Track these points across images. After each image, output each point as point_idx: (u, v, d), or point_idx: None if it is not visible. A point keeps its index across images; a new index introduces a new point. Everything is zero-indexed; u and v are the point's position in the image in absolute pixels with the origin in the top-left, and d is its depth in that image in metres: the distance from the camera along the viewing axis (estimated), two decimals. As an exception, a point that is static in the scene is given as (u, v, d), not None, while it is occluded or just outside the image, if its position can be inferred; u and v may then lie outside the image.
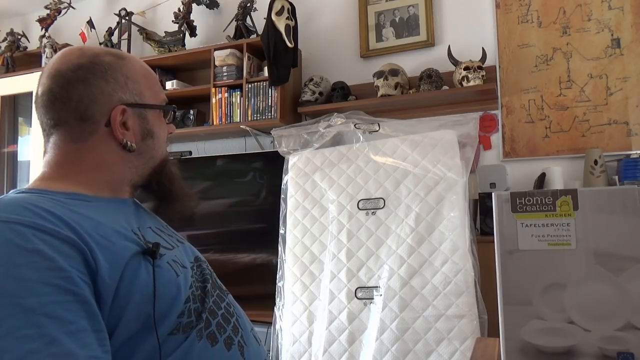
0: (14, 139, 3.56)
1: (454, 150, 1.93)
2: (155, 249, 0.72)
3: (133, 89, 0.82)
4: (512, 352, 0.65)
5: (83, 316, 0.59)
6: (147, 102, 0.83)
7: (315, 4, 2.93)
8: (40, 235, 0.61)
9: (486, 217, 2.18)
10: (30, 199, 0.68)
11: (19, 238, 0.59)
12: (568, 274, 0.64)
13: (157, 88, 0.87)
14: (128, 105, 0.80)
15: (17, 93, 3.39)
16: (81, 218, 0.68)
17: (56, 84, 0.77)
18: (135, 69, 0.83)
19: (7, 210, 0.63)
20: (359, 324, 1.87)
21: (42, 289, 0.57)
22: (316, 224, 2.06)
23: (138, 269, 0.69)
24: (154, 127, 0.84)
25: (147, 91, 0.84)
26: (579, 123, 2.33)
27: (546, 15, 2.43)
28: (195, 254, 0.89)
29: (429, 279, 1.80)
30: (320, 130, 2.14)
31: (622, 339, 0.61)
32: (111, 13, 3.40)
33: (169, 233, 0.87)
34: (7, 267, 0.57)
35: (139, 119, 0.82)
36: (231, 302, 0.85)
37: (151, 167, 0.85)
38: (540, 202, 0.66)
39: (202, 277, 0.83)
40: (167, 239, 0.83)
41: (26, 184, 0.83)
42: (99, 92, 0.78)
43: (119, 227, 0.72)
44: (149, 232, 0.80)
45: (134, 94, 0.81)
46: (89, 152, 0.78)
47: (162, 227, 0.88)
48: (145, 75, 0.85)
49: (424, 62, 2.61)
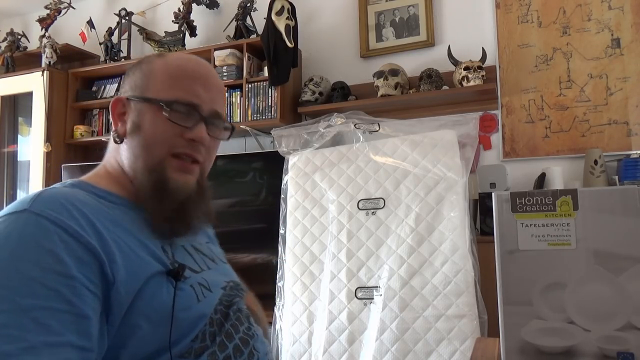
0: (14, 139, 3.56)
1: (454, 150, 1.93)
2: (179, 271, 0.70)
3: (144, 83, 0.80)
4: (512, 352, 0.65)
5: (73, 331, 0.57)
6: (150, 96, 0.78)
7: (315, 4, 2.93)
8: (63, 237, 0.61)
9: (486, 217, 2.18)
10: (73, 196, 0.68)
11: (41, 234, 0.60)
12: (568, 274, 0.64)
13: (173, 85, 0.78)
14: (129, 97, 0.80)
15: (17, 93, 3.39)
16: (114, 225, 0.68)
17: None
18: (164, 66, 0.80)
19: (45, 202, 0.63)
20: (359, 324, 1.87)
21: (42, 292, 0.57)
22: (316, 224, 2.06)
23: (159, 288, 0.67)
24: (143, 122, 0.78)
25: (161, 86, 0.78)
26: (579, 123, 2.33)
27: (546, 15, 2.43)
28: (230, 277, 0.86)
29: (429, 279, 1.80)
30: (320, 130, 2.14)
31: (622, 339, 0.61)
32: (111, 13, 3.40)
33: (205, 252, 0.85)
34: (18, 262, 0.58)
35: (135, 112, 0.79)
36: (252, 325, 0.82)
37: (144, 167, 0.77)
38: (540, 202, 0.66)
39: (230, 301, 0.80)
40: (199, 260, 0.81)
41: (26, 184, 0.84)
42: (122, 88, 0.84)
43: (148, 241, 0.72)
44: (180, 251, 0.78)
45: (142, 88, 0.80)
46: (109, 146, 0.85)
47: (200, 244, 0.86)
48: (170, 72, 0.79)
49: (424, 62, 2.61)
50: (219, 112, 0.82)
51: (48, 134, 3.15)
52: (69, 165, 3.07)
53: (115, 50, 3.28)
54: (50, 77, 3.18)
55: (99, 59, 3.41)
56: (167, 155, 0.78)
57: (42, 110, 3.15)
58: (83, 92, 3.33)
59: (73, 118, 3.31)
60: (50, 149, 3.13)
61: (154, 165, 0.77)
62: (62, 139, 3.24)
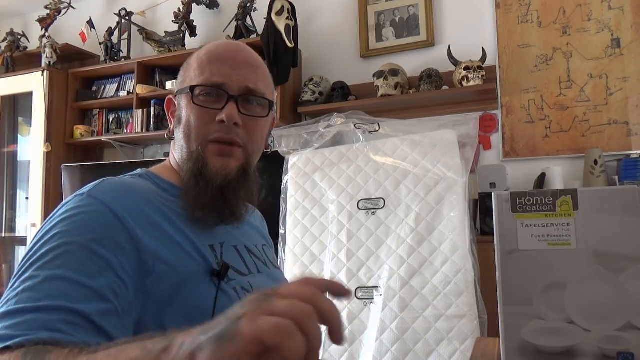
0: (14, 139, 3.56)
1: (454, 150, 1.93)
2: (223, 272, 0.70)
3: (184, 77, 0.82)
4: (512, 352, 0.65)
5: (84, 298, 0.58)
6: (183, 87, 0.80)
7: (315, 4, 2.93)
8: (110, 218, 0.64)
9: (486, 217, 2.18)
10: (132, 185, 0.71)
11: (97, 214, 0.64)
12: (568, 274, 0.64)
13: (202, 71, 0.78)
14: (175, 94, 0.83)
15: (17, 93, 3.39)
16: (163, 217, 0.69)
17: None
18: (198, 56, 0.80)
19: (106, 189, 0.68)
20: (359, 324, 1.87)
21: (99, 237, 0.61)
22: (316, 224, 2.06)
23: (196, 287, 0.67)
24: (182, 113, 0.79)
25: (193, 75, 0.79)
26: (579, 123, 2.33)
27: (546, 15, 2.43)
28: (280, 283, 0.83)
29: (429, 279, 1.80)
30: (320, 130, 2.14)
31: (622, 339, 0.61)
32: (111, 13, 3.40)
33: (258, 255, 0.83)
34: (65, 228, 0.62)
35: (178, 106, 0.81)
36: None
37: (187, 156, 0.77)
38: (540, 202, 0.66)
39: None
40: (249, 262, 0.79)
41: (26, 184, 0.84)
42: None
43: (195, 237, 0.71)
44: (229, 251, 0.76)
45: (181, 83, 0.82)
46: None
47: (255, 246, 0.85)
48: (200, 60, 0.79)
49: (424, 62, 2.61)
50: (252, 88, 0.78)
51: (48, 134, 3.15)
52: (69, 165, 3.06)
53: (115, 50, 3.28)
54: (50, 77, 3.18)
55: (99, 59, 3.41)
56: (205, 141, 0.76)
57: (42, 110, 3.15)
58: (83, 92, 3.33)
59: (73, 118, 3.31)
60: (50, 149, 3.13)
61: (193, 152, 0.76)
62: (62, 139, 3.24)
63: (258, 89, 0.79)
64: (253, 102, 0.79)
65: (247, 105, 0.78)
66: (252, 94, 0.78)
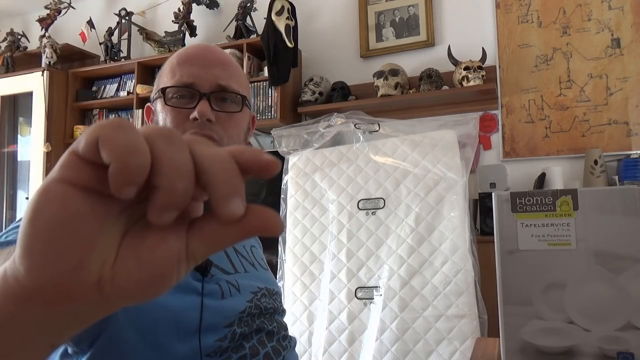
0: (14, 139, 3.56)
1: (454, 150, 1.93)
2: (206, 267, 0.70)
3: (157, 83, 0.82)
4: (512, 352, 0.65)
5: None
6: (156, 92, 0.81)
7: (315, 4, 2.93)
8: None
9: (486, 217, 2.18)
10: None
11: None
12: (568, 274, 0.64)
13: (173, 74, 0.79)
14: (152, 102, 0.83)
15: (17, 93, 3.39)
16: None
17: None
18: (169, 61, 0.81)
19: None
20: (359, 324, 1.86)
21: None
22: (316, 224, 2.06)
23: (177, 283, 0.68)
24: (158, 116, 0.79)
25: (166, 79, 0.79)
26: (579, 123, 2.33)
27: (546, 15, 2.43)
28: (267, 284, 0.82)
29: (429, 279, 1.80)
30: (320, 130, 2.14)
31: (622, 339, 0.61)
32: (111, 13, 3.40)
33: (245, 256, 0.84)
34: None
35: (155, 112, 0.81)
36: (264, 339, 0.78)
37: None
38: (540, 202, 0.65)
39: (260, 307, 0.78)
40: (235, 262, 0.79)
41: (26, 184, 0.84)
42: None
43: None
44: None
45: (156, 88, 0.82)
46: None
47: (243, 247, 0.85)
48: (171, 64, 0.80)
49: (424, 62, 2.61)
50: (224, 85, 0.78)
51: (48, 134, 3.15)
52: (69, 165, 3.06)
53: (115, 50, 3.28)
54: (50, 77, 3.18)
55: (99, 59, 3.41)
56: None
57: (42, 110, 3.15)
58: (83, 92, 3.33)
59: (73, 118, 3.31)
60: (50, 149, 3.13)
61: None
62: (62, 139, 3.24)
63: (230, 85, 0.79)
64: (226, 99, 0.79)
65: (220, 103, 0.78)
66: (224, 91, 0.79)
